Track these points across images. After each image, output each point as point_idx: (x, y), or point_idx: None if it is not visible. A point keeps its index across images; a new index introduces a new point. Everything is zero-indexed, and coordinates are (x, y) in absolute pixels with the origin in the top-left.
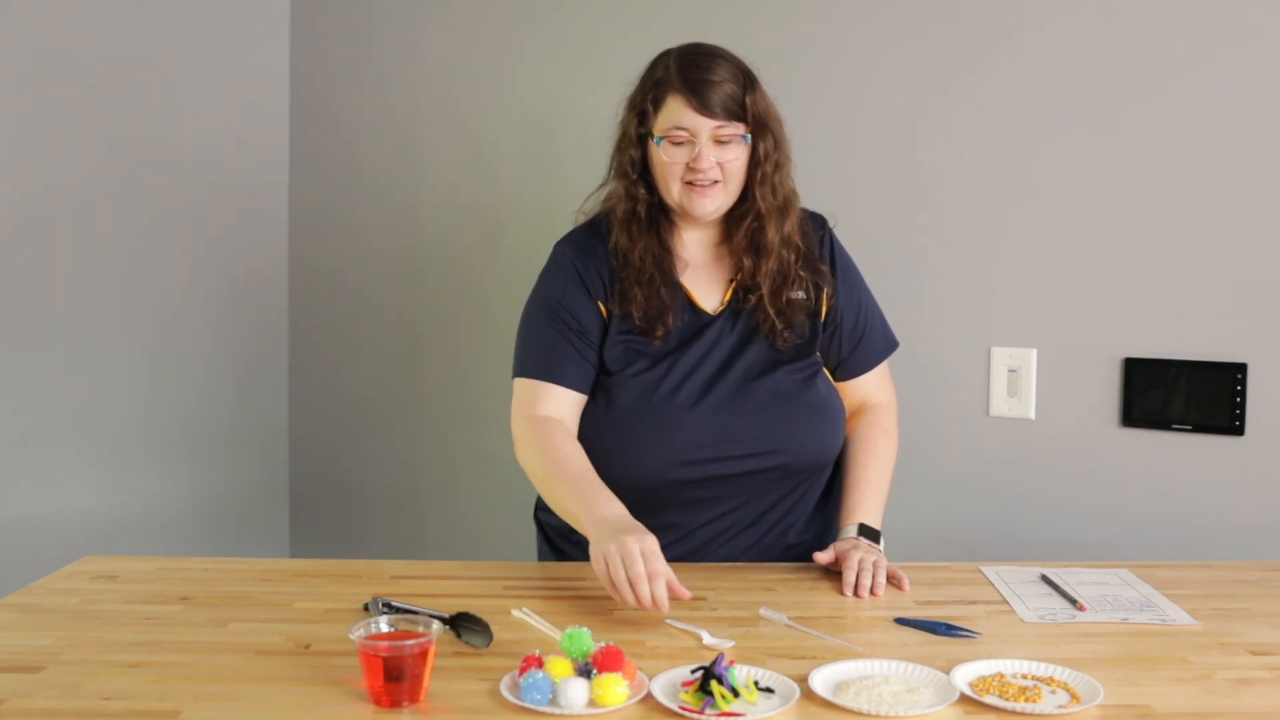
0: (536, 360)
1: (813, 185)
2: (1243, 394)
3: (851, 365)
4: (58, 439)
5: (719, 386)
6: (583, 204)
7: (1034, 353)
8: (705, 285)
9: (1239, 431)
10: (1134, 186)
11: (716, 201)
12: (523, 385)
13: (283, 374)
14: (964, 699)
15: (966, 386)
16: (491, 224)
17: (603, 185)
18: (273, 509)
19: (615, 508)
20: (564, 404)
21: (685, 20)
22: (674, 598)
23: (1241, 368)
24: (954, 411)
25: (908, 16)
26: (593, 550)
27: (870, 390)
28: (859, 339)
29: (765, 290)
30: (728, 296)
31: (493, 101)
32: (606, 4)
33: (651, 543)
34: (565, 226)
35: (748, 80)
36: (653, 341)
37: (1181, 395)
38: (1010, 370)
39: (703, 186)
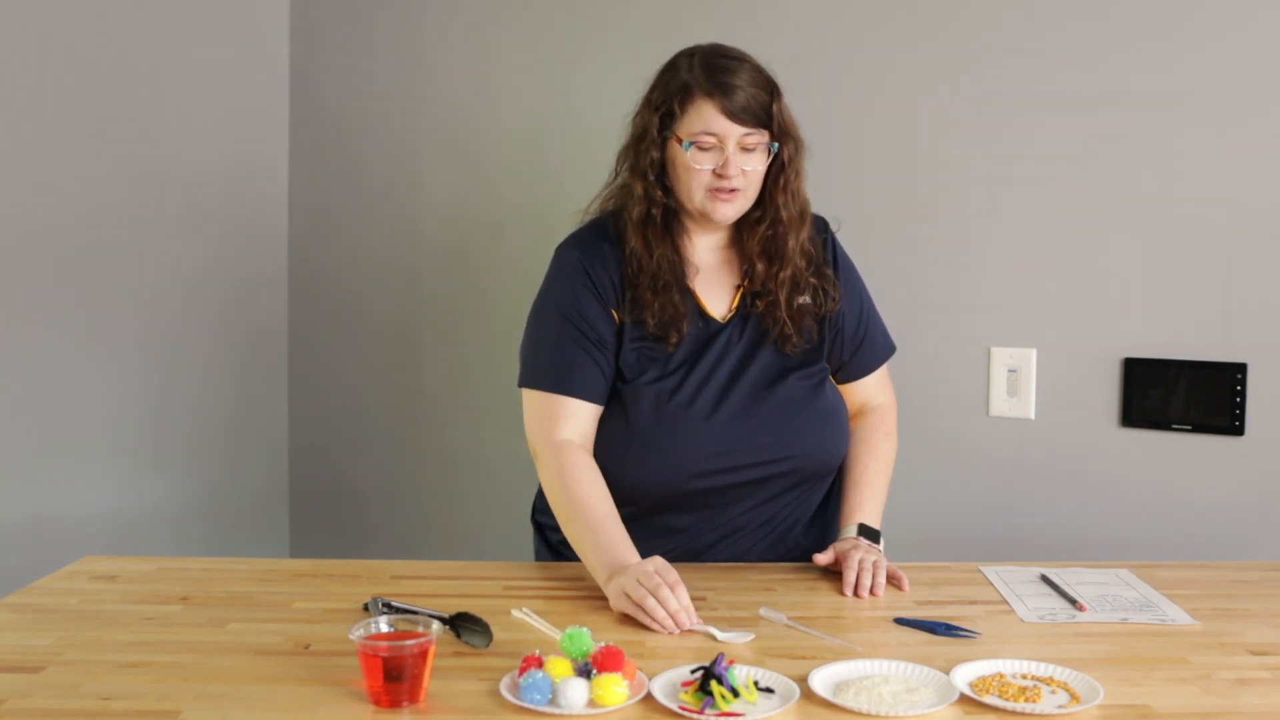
0: (553, 371)
1: (813, 186)
2: (1243, 394)
3: (853, 368)
4: (58, 440)
5: (732, 395)
6: (589, 204)
7: (1034, 353)
8: (714, 291)
9: (1239, 431)
10: (1134, 187)
11: (736, 206)
12: (538, 399)
13: (283, 375)
14: (964, 699)
15: (966, 386)
16: (490, 225)
17: (610, 184)
18: (273, 509)
19: (630, 555)
20: (582, 419)
21: (684, 21)
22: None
23: (1241, 368)
24: (954, 411)
25: (908, 17)
26: (611, 590)
27: (871, 393)
28: (860, 342)
29: (781, 297)
30: (735, 303)
31: (492, 104)
32: (607, 5)
33: (657, 560)
34: (563, 228)
35: (772, 87)
36: (665, 349)
37: (1181, 395)
38: (1010, 370)
39: (726, 193)
